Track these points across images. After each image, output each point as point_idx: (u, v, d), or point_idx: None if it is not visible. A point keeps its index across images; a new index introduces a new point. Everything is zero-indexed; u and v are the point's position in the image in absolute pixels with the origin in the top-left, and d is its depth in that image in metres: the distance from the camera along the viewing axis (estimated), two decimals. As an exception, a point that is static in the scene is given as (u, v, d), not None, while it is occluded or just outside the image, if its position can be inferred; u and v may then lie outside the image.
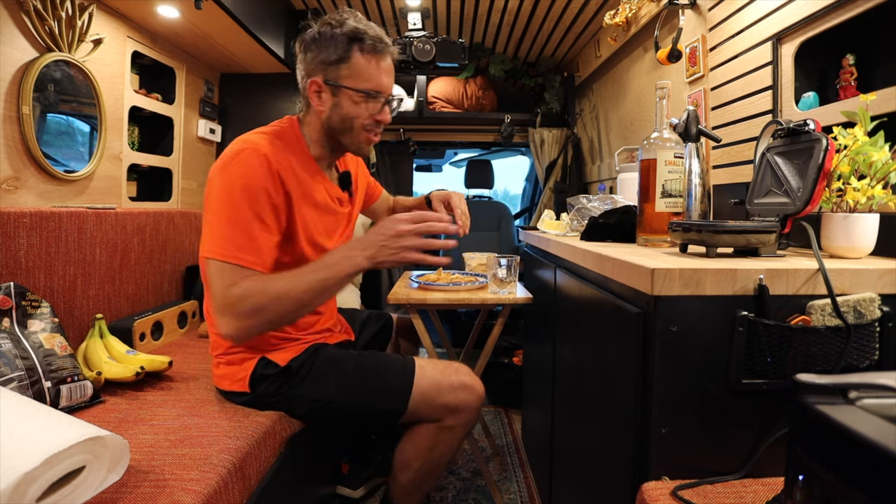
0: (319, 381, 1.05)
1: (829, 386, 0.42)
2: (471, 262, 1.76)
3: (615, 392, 0.82)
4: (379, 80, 0.98)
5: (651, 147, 1.00)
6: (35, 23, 1.29)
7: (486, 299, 1.35)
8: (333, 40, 0.94)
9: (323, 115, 1.00)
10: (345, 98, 0.97)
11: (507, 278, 1.36)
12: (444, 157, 4.61)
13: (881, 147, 0.78)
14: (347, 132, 1.01)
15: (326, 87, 0.97)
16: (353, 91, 0.97)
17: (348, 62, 0.95)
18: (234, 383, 1.06)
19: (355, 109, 0.98)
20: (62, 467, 0.65)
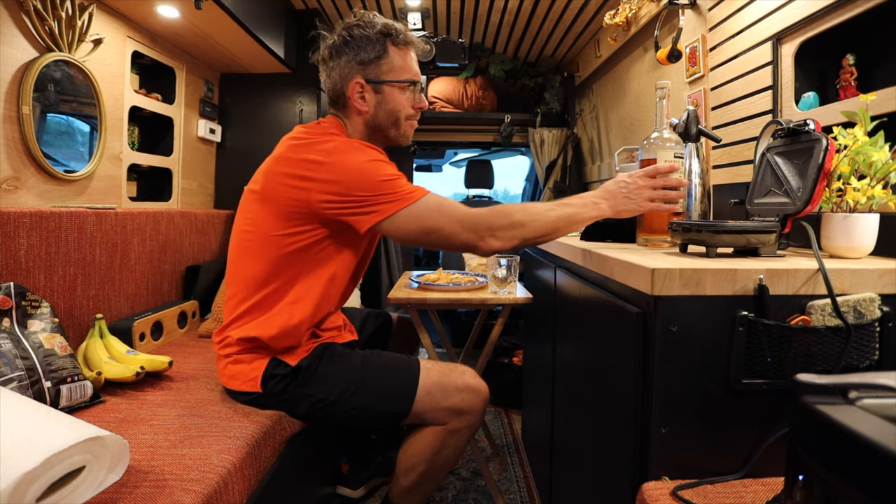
0: (325, 380, 1.05)
1: (829, 386, 0.42)
2: (471, 262, 1.75)
3: (615, 392, 0.82)
4: (414, 68, 1.04)
5: (651, 147, 1.00)
6: (35, 23, 1.29)
7: (486, 299, 1.35)
8: (368, 40, 0.99)
9: (367, 114, 1.04)
10: (388, 93, 1.02)
11: (507, 278, 1.36)
12: (444, 157, 4.61)
13: (881, 147, 0.78)
14: (394, 125, 1.05)
15: (369, 86, 1.01)
16: (397, 83, 1.02)
17: (387, 57, 1.00)
18: (244, 383, 1.05)
19: (400, 101, 1.04)
20: (62, 467, 0.65)
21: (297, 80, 2.27)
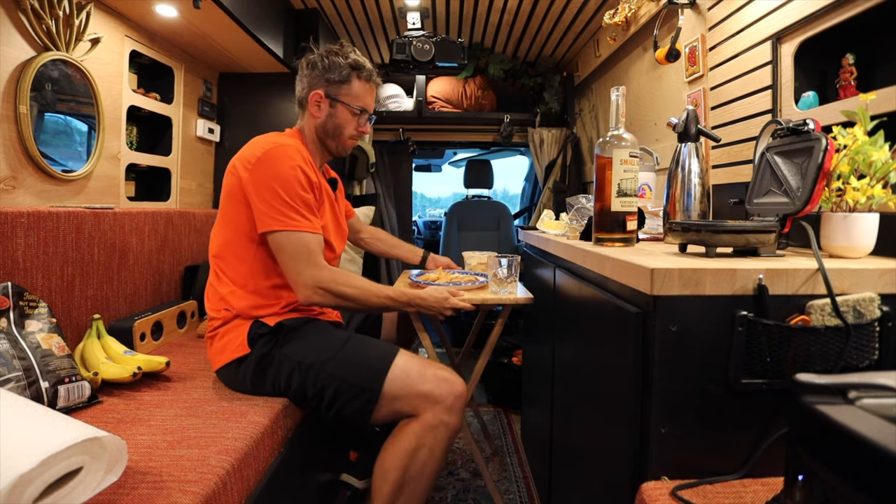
0: (306, 344, 1.12)
1: (829, 386, 0.41)
2: (470, 262, 1.70)
3: (615, 392, 0.82)
4: (368, 101, 1.26)
5: (607, 146, 0.99)
6: (32, 22, 1.29)
7: (486, 299, 1.32)
8: (338, 66, 1.20)
9: (318, 121, 1.24)
10: (340, 110, 1.23)
11: (508, 278, 1.34)
12: (444, 157, 4.61)
13: (881, 146, 0.78)
14: (336, 137, 1.25)
15: (326, 99, 1.22)
16: (349, 106, 1.23)
17: (348, 84, 1.22)
18: (234, 351, 1.12)
19: (347, 120, 1.24)
20: (59, 468, 0.65)
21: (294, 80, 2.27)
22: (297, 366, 1.10)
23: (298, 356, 1.10)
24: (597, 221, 1.02)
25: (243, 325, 1.15)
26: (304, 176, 1.12)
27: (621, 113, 1.01)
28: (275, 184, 1.08)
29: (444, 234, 3.34)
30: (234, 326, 1.15)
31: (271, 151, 1.11)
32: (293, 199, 1.09)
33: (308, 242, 1.10)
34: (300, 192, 1.10)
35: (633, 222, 1.00)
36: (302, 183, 1.11)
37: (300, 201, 1.10)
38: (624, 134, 0.99)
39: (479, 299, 1.31)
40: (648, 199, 1.53)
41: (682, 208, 1.12)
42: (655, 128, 1.89)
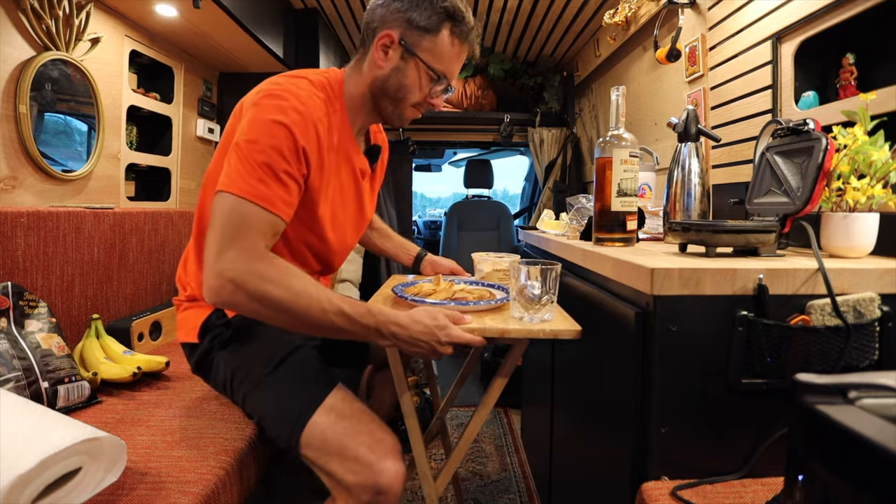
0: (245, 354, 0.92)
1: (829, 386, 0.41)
2: (483, 267, 1.14)
3: (615, 392, 0.82)
4: (453, 66, 0.92)
5: (607, 146, 0.99)
6: (32, 21, 1.29)
7: (506, 331, 0.80)
8: (431, 6, 0.87)
9: (380, 73, 0.91)
10: (412, 67, 0.89)
11: (542, 297, 0.82)
12: (444, 157, 4.61)
13: (881, 146, 0.78)
14: (397, 101, 0.93)
15: (399, 46, 0.88)
16: (426, 66, 0.89)
17: (436, 36, 0.88)
18: (188, 333, 0.97)
19: (416, 83, 0.91)
20: (58, 469, 0.65)
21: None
22: (229, 378, 0.93)
23: (232, 366, 0.92)
24: (597, 221, 1.02)
25: (204, 309, 0.96)
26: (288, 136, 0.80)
27: (621, 113, 1.01)
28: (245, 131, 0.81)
29: (443, 233, 3.34)
30: (196, 306, 0.98)
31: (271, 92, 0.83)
32: (255, 158, 0.78)
33: (249, 216, 0.77)
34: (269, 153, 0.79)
35: (633, 222, 1.00)
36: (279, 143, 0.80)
37: (264, 164, 0.79)
38: (624, 134, 0.99)
39: (496, 330, 0.80)
40: (648, 199, 1.53)
41: (682, 208, 1.12)
42: (655, 127, 1.89)
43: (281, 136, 0.80)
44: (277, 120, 0.80)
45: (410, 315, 0.79)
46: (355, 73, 0.94)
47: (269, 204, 0.79)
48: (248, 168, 0.78)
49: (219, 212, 0.77)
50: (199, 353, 0.97)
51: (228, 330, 0.94)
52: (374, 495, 0.79)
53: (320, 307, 0.76)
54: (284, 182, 0.81)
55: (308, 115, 0.83)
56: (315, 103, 0.85)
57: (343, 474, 0.80)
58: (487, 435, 2.02)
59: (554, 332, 0.81)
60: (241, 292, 0.74)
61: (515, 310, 0.85)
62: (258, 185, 0.78)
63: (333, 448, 0.81)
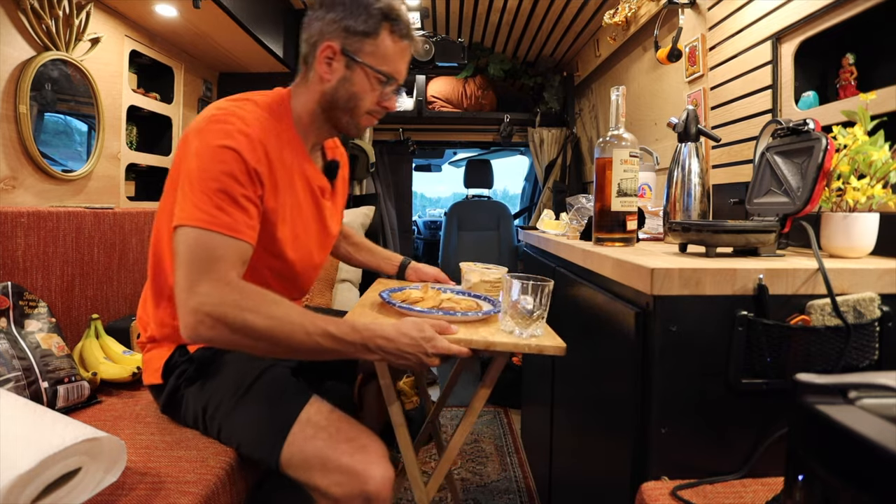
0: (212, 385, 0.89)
1: (829, 386, 0.41)
2: (470, 277, 1.11)
3: (615, 392, 0.82)
4: (399, 65, 0.91)
5: (607, 146, 0.99)
6: (32, 21, 1.29)
7: (493, 343, 0.80)
8: (367, 11, 0.86)
9: (327, 85, 0.89)
10: (359, 75, 0.88)
11: (535, 312, 0.82)
12: (444, 157, 4.61)
13: (881, 146, 0.78)
14: (349, 111, 0.91)
15: (343, 56, 0.87)
16: (372, 70, 0.88)
17: (375, 39, 0.87)
18: (152, 374, 0.93)
19: (366, 89, 0.89)
20: (58, 469, 0.64)
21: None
22: (200, 414, 0.89)
23: (202, 401, 0.89)
24: (597, 221, 1.02)
25: (167, 348, 0.93)
26: (237, 160, 0.78)
27: (621, 113, 1.01)
28: (193, 160, 0.78)
29: (444, 233, 3.34)
30: (158, 346, 0.94)
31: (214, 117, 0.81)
32: (208, 185, 0.76)
33: (215, 247, 0.74)
34: (223, 179, 0.77)
35: (633, 222, 1.00)
36: (230, 168, 0.77)
37: (219, 191, 0.76)
38: (624, 134, 0.99)
39: (482, 342, 0.80)
40: (648, 199, 1.53)
41: (682, 208, 1.12)
42: (655, 127, 1.89)
43: (231, 161, 0.78)
44: (225, 144, 0.78)
45: (397, 327, 0.78)
46: (301, 89, 0.92)
47: (233, 231, 0.76)
48: (204, 197, 0.75)
49: (183, 247, 0.74)
50: (166, 394, 0.92)
51: (192, 365, 0.91)
52: (363, 502, 0.77)
53: (304, 331, 0.74)
54: (244, 206, 0.79)
55: (255, 137, 0.81)
56: (261, 124, 0.84)
57: (328, 487, 0.77)
58: (487, 435, 2.02)
59: (539, 348, 0.81)
60: (220, 326, 0.71)
61: (506, 323, 0.85)
62: (218, 213, 0.75)
63: (315, 462, 0.78)
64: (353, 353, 0.77)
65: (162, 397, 0.94)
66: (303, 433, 0.80)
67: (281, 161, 0.87)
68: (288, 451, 0.80)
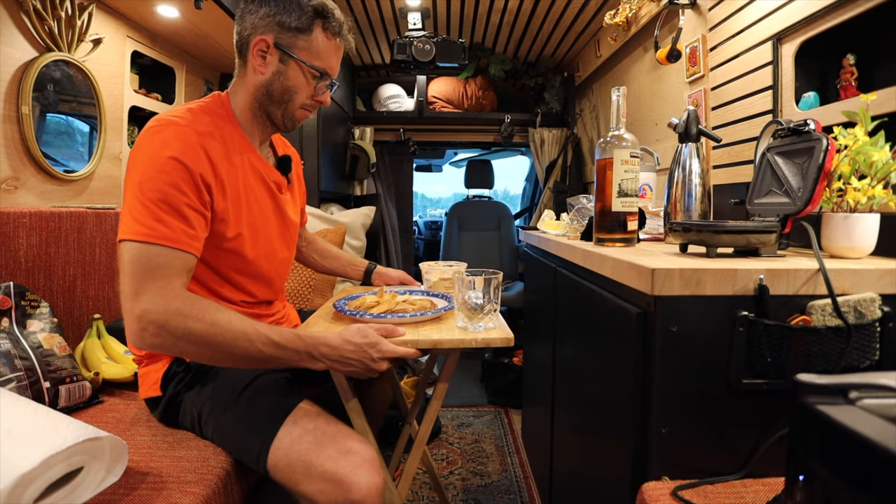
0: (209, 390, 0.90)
1: (830, 386, 0.41)
2: (430, 277, 1.17)
3: (615, 392, 0.82)
4: (332, 61, 0.94)
5: (608, 146, 0.99)
6: (34, 22, 1.29)
7: (439, 341, 0.82)
8: (299, 8, 0.88)
9: (262, 79, 0.91)
10: (293, 69, 0.90)
11: (486, 306, 0.86)
12: (444, 157, 4.61)
13: (882, 147, 0.78)
14: (283, 104, 0.93)
15: (276, 50, 0.89)
16: (305, 65, 0.90)
17: (308, 35, 0.89)
18: (150, 388, 0.94)
19: (300, 83, 0.92)
20: (60, 468, 0.65)
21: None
22: (197, 417, 0.90)
23: (198, 404, 0.89)
24: (597, 222, 1.02)
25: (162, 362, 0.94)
26: (178, 168, 0.79)
27: (622, 113, 1.01)
28: (135, 174, 0.78)
29: (444, 234, 3.34)
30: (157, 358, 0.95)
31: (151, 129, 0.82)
32: (148, 197, 0.76)
33: (156, 258, 0.75)
34: (164, 189, 0.77)
35: (634, 222, 1.00)
36: (171, 177, 0.78)
37: (160, 202, 0.77)
38: (625, 134, 0.99)
39: (429, 341, 0.82)
40: (649, 200, 1.53)
41: (682, 208, 1.12)
42: (656, 128, 1.89)
43: (171, 170, 0.78)
44: (164, 154, 0.79)
45: (340, 335, 0.79)
46: (239, 87, 0.94)
47: (173, 242, 0.77)
48: (144, 210, 0.76)
49: (127, 259, 0.75)
50: (164, 402, 0.93)
51: (190, 374, 0.92)
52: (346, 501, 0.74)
53: (246, 338, 0.75)
54: (185, 215, 0.79)
55: (193, 142, 0.82)
56: (199, 128, 0.84)
57: (313, 494, 0.75)
58: (488, 435, 2.02)
59: (486, 341, 0.83)
60: (164, 333, 0.73)
61: (459, 319, 0.88)
62: (157, 225, 0.76)
63: (299, 468, 0.77)
64: (298, 362, 0.78)
65: (160, 406, 0.94)
66: (289, 437, 0.79)
67: (227, 160, 0.88)
68: (274, 456, 0.79)
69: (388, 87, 3.02)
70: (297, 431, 0.80)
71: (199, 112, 0.88)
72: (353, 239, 2.47)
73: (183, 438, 0.91)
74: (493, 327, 0.87)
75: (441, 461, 1.81)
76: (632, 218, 0.99)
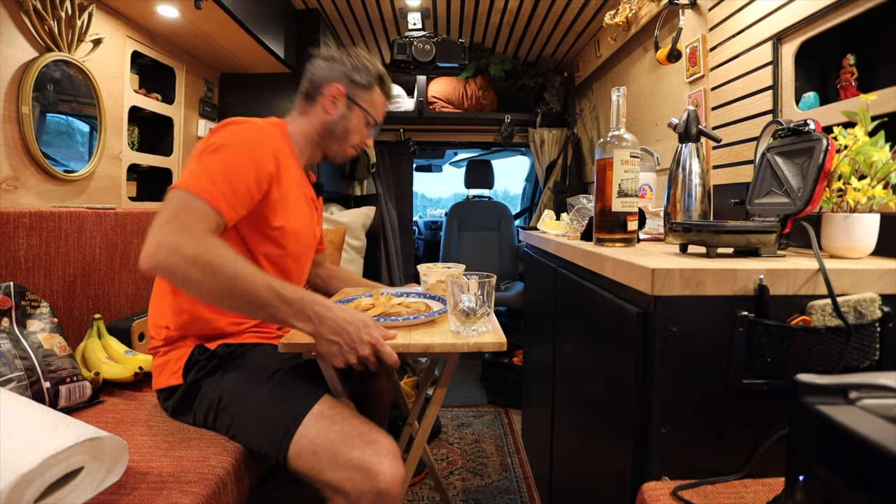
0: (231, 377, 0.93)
1: (830, 386, 0.41)
2: (427, 279, 1.19)
3: (615, 392, 0.82)
4: (381, 115, 1.17)
5: (608, 146, 0.99)
6: (35, 22, 1.29)
7: (431, 345, 0.82)
8: (367, 71, 1.11)
9: (328, 118, 1.10)
10: (356, 115, 1.11)
11: (479, 310, 0.85)
12: (444, 157, 4.61)
13: (881, 147, 0.78)
14: (341, 141, 1.13)
15: (346, 99, 1.10)
16: (365, 113, 1.12)
17: (370, 91, 1.12)
18: (171, 376, 0.97)
19: (358, 127, 1.13)
20: (60, 468, 0.65)
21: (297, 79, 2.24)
22: (215, 402, 0.92)
23: (219, 390, 0.92)
24: (597, 222, 1.02)
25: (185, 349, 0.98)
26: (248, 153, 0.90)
27: (622, 113, 1.01)
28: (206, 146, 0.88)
29: (444, 234, 3.34)
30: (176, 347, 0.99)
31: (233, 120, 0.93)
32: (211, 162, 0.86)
33: (193, 205, 0.81)
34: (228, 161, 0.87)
35: (634, 222, 1.00)
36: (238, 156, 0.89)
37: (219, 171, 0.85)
38: (625, 134, 0.99)
39: (420, 345, 0.82)
40: (649, 200, 1.53)
41: (682, 209, 1.12)
42: (656, 128, 1.89)
43: (241, 151, 0.90)
44: (241, 138, 0.91)
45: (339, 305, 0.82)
46: (300, 119, 1.12)
47: (213, 200, 0.83)
48: (203, 171, 0.85)
49: (168, 199, 0.82)
50: (182, 390, 0.95)
51: (214, 360, 0.96)
52: (374, 499, 0.77)
53: (251, 276, 0.78)
54: (235, 188, 0.87)
55: (267, 137, 0.97)
56: (271, 131, 1.00)
57: (339, 482, 0.78)
58: (488, 435, 2.02)
59: (478, 345, 0.83)
60: (176, 255, 0.76)
61: (452, 323, 0.88)
62: (207, 184, 0.84)
63: (325, 455, 0.80)
64: (289, 316, 0.79)
65: (178, 394, 0.96)
66: (315, 426, 0.82)
67: (286, 165, 1.01)
68: (298, 443, 0.82)
69: (388, 87, 3.02)
70: (324, 421, 0.83)
71: (268, 123, 1.02)
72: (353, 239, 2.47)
73: (184, 438, 0.91)
74: (487, 331, 0.87)
75: (441, 461, 1.81)
76: (632, 218, 0.99)
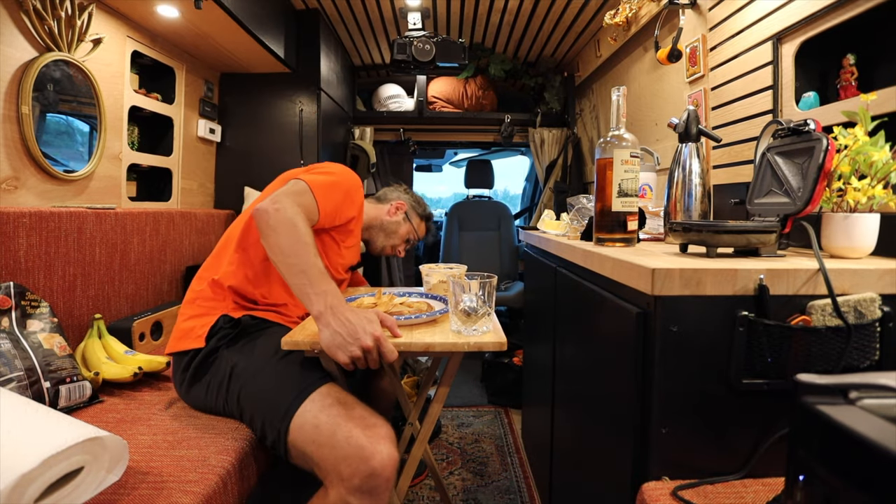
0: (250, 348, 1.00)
1: (830, 386, 0.41)
2: (429, 279, 1.24)
3: (615, 392, 0.82)
4: (419, 236, 1.53)
5: (608, 146, 0.99)
6: (34, 22, 1.29)
7: (431, 344, 0.84)
8: (423, 209, 1.53)
9: (387, 219, 1.45)
10: (403, 227, 1.47)
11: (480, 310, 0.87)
12: (444, 157, 4.61)
13: (881, 147, 0.78)
14: (386, 238, 1.45)
15: (404, 213, 1.47)
16: (412, 229, 1.49)
17: (419, 221, 1.51)
18: (193, 340, 1.03)
19: (402, 236, 1.47)
20: (61, 468, 0.65)
21: (297, 79, 2.27)
22: (229, 372, 0.97)
23: (234, 359, 0.98)
24: (597, 221, 1.02)
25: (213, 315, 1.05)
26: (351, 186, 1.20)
27: (622, 113, 1.01)
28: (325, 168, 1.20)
29: (444, 234, 3.34)
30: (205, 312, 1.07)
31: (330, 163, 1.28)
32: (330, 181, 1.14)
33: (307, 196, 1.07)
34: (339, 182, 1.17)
35: (634, 222, 1.00)
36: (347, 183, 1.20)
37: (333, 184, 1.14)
38: (625, 134, 0.99)
39: (423, 343, 0.84)
40: (649, 200, 1.53)
41: (682, 208, 1.12)
42: (656, 128, 1.89)
43: (347, 181, 1.21)
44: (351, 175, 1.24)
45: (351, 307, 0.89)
46: (370, 206, 1.44)
47: (322, 200, 1.10)
48: (324, 181, 1.13)
49: (291, 185, 1.08)
50: (202, 355, 1.01)
51: (236, 329, 1.04)
52: (366, 478, 0.80)
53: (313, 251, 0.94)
54: (337, 204, 1.16)
55: (358, 183, 1.26)
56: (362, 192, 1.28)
57: (334, 460, 0.82)
58: (488, 435, 2.02)
59: (479, 345, 0.86)
60: (282, 213, 0.96)
61: (453, 322, 0.90)
62: (323, 189, 1.11)
63: (325, 430, 0.84)
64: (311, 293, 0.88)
65: (197, 358, 1.01)
66: (322, 401, 0.88)
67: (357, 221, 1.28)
68: (300, 419, 0.87)
69: (388, 86, 3.02)
70: (330, 399, 0.89)
71: None
72: (353, 239, 2.46)
73: (184, 438, 0.91)
74: (487, 331, 0.88)
75: (441, 461, 1.81)
76: (632, 218, 0.99)
